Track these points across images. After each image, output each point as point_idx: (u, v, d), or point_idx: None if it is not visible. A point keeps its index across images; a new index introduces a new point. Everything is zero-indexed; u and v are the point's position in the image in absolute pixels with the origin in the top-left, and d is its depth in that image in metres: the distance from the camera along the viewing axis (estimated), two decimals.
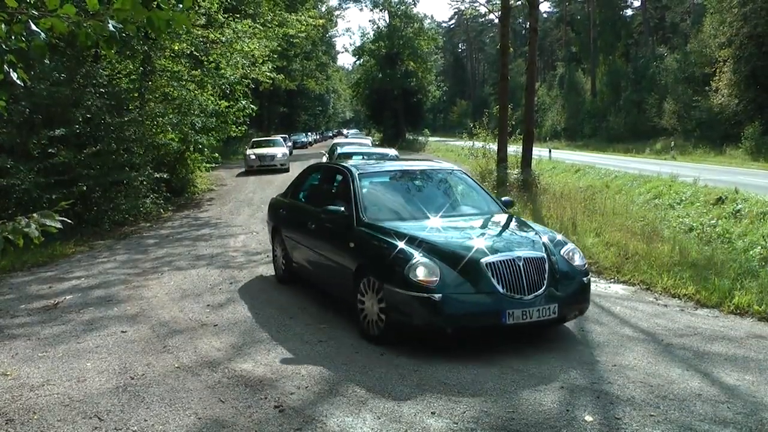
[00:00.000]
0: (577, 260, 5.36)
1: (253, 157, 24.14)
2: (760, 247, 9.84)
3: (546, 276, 4.96)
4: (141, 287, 7.31)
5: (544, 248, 5.22)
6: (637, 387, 4.21)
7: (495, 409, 3.87)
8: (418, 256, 4.86)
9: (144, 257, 9.28)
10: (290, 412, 3.87)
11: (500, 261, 4.87)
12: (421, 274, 4.76)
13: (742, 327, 5.69)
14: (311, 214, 6.54)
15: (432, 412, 3.83)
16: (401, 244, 5.07)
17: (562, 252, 5.34)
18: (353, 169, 6.37)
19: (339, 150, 14.28)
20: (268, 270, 8.13)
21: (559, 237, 5.75)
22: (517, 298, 4.77)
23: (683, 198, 14.57)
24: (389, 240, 5.21)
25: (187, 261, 8.90)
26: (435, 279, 4.73)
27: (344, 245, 5.69)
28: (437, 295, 4.66)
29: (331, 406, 3.95)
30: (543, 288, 4.89)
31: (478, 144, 19.38)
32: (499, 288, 4.76)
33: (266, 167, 23.88)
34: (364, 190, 6.08)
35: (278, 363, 4.72)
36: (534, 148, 16.15)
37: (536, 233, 5.61)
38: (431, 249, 5.00)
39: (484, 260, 4.85)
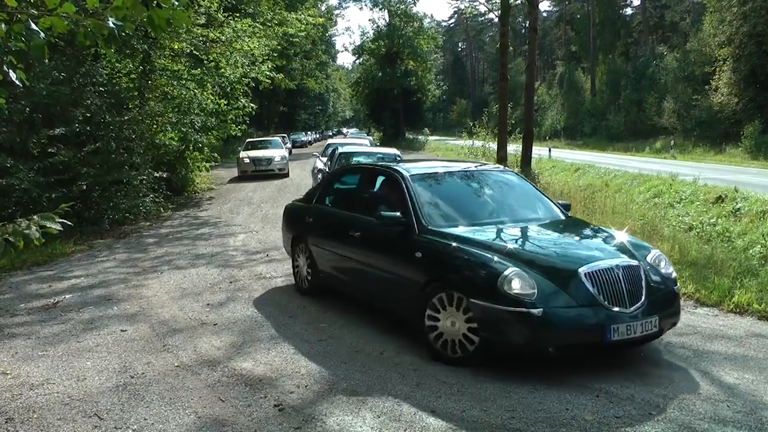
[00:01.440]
0: (666, 267, 4.91)
1: (247, 160, 21.55)
2: (759, 246, 9.84)
3: (643, 286, 4.50)
4: (140, 286, 7.31)
5: (634, 255, 4.77)
6: (636, 386, 4.21)
7: (495, 408, 3.87)
8: (511, 267, 4.32)
9: (144, 256, 9.28)
10: (290, 410, 3.87)
11: (600, 270, 4.39)
12: (516, 286, 4.23)
13: (741, 326, 5.70)
14: (353, 222, 5.94)
15: (432, 411, 3.83)
16: (487, 253, 4.55)
17: (648, 258, 4.87)
18: (403, 171, 5.78)
19: (340, 150, 13.87)
20: (268, 269, 8.14)
21: (641, 242, 5.37)
22: (620, 311, 4.29)
23: (683, 197, 14.57)
24: (470, 249, 4.65)
25: (186, 260, 8.90)
26: (533, 291, 4.22)
27: (406, 255, 5.07)
28: (537, 310, 4.16)
29: (330, 404, 3.95)
30: (642, 299, 4.42)
31: (478, 143, 19.41)
32: (602, 300, 4.29)
33: (262, 172, 21.36)
34: (420, 193, 5.44)
35: (278, 362, 4.72)
36: (534, 147, 16.17)
37: (619, 239, 5.17)
38: (520, 258, 4.49)
39: (582, 270, 4.37)
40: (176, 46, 15.92)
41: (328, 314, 6.03)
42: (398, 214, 5.26)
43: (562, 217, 5.82)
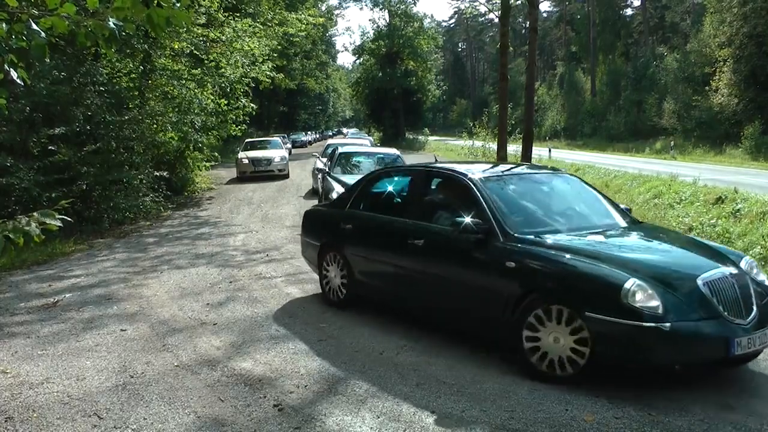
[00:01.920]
0: (758, 274, 4.56)
1: (246, 161, 20.92)
2: (759, 247, 9.84)
3: (752, 295, 4.21)
4: (140, 286, 7.31)
5: (734, 263, 4.48)
6: (636, 387, 4.21)
7: (494, 409, 3.87)
8: (632, 278, 3.98)
9: (143, 256, 9.28)
10: (289, 410, 3.87)
11: (717, 279, 4.12)
12: (641, 298, 3.90)
13: None
14: (411, 229, 5.41)
15: (431, 411, 3.83)
16: (599, 263, 4.20)
17: (741, 265, 4.51)
18: (470, 173, 5.29)
19: (340, 150, 13.92)
20: (268, 269, 8.14)
21: (728, 248, 5.11)
22: (740, 323, 4.02)
23: (683, 197, 14.56)
24: (578, 259, 4.27)
25: (186, 260, 8.91)
26: (657, 304, 3.89)
27: (490, 266, 4.64)
28: (666, 324, 3.83)
29: (330, 405, 3.95)
30: (754, 310, 4.13)
31: (478, 143, 19.41)
32: (722, 311, 4.00)
33: (262, 173, 20.75)
34: (496, 198, 4.98)
35: (277, 362, 4.72)
36: (534, 148, 16.13)
37: (707, 244, 5.02)
38: (633, 267, 4.16)
39: (701, 278, 4.09)
40: (176, 46, 15.93)
41: (328, 314, 6.03)
42: (479, 220, 4.77)
43: (632, 222, 5.49)
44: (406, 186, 6.16)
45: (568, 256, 4.33)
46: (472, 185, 5.09)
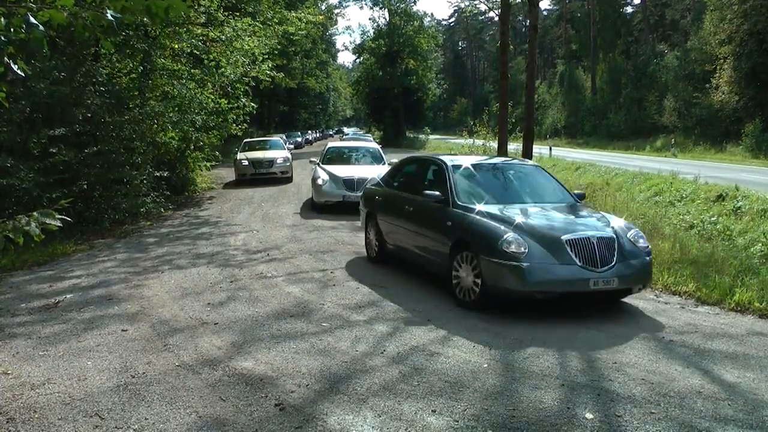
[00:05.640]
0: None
1: (246, 162, 19.64)
2: (760, 245, 9.84)
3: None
4: (141, 286, 7.31)
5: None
6: (637, 384, 4.21)
7: (495, 407, 3.87)
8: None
9: (144, 256, 9.28)
10: (291, 410, 3.87)
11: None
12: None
13: (742, 324, 5.70)
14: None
15: (432, 410, 3.83)
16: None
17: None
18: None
19: (329, 145, 16.31)
20: (269, 269, 8.14)
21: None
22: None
23: (684, 195, 14.56)
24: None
25: (187, 259, 8.90)
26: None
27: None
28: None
29: (331, 404, 3.95)
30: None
31: (479, 142, 19.38)
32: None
33: (263, 176, 19.56)
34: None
35: (278, 361, 4.72)
36: (534, 146, 16.09)
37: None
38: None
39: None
40: (176, 46, 15.91)
41: (328, 314, 6.03)
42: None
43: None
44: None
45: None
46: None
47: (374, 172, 12.96)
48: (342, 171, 13.65)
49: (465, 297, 6.13)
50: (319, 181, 13.47)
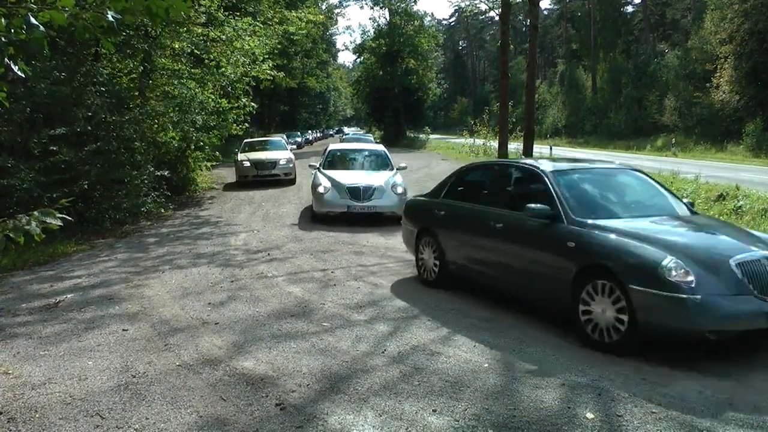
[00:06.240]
0: None
1: (248, 164, 18.90)
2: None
3: None
4: (142, 286, 7.31)
5: None
6: (638, 384, 4.20)
7: (496, 407, 3.87)
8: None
9: (145, 256, 9.28)
10: (291, 410, 3.87)
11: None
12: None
13: None
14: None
15: (433, 410, 3.83)
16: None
17: None
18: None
19: (331, 147, 14.85)
20: (270, 268, 8.14)
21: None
22: None
23: (684, 194, 14.54)
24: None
25: (187, 259, 8.90)
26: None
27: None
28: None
29: (332, 404, 3.95)
30: None
31: (479, 141, 19.39)
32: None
33: (265, 177, 18.82)
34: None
35: (279, 361, 4.72)
36: (535, 146, 16.14)
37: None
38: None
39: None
40: (177, 46, 15.91)
41: (329, 313, 6.03)
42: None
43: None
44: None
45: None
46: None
47: (382, 178, 12.12)
48: (346, 177, 12.22)
49: (601, 337, 4.90)
50: (320, 189, 11.94)
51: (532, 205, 5.61)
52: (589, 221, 5.33)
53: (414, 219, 7.71)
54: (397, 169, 12.99)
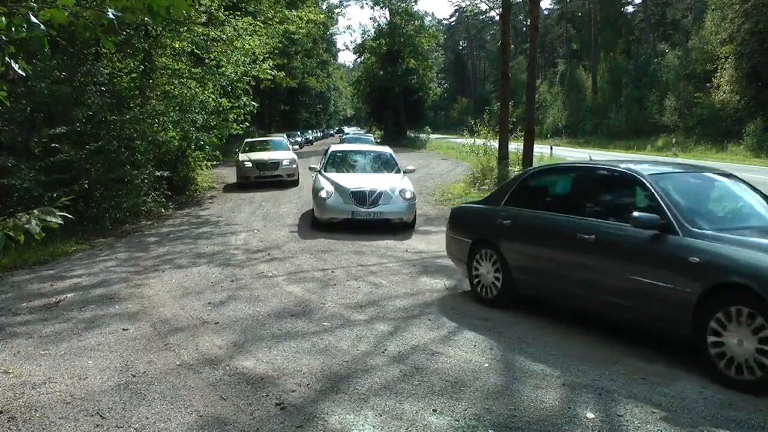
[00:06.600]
0: None
1: (249, 164, 18.23)
2: None
3: None
4: (142, 285, 7.31)
5: None
6: (639, 384, 4.20)
7: (496, 407, 3.86)
8: None
9: (145, 255, 9.28)
10: (291, 409, 3.86)
11: None
12: None
13: None
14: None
15: (433, 410, 3.82)
16: None
17: None
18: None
19: (332, 148, 13.91)
20: (270, 268, 8.14)
21: None
22: None
23: None
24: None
25: (188, 259, 8.90)
26: None
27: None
28: None
29: (332, 403, 3.94)
30: None
31: (480, 141, 19.35)
32: None
33: (268, 179, 18.13)
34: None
35: (279, 360, 4.72)
36: (535, 146, 16.11)
37: None
38: None
39: None
40: (177, 45, 15.91)
41: (329, 313, 6.03)
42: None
43: None
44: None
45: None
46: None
47: (389, 182, 11.28)
48: (350, 181, 11.33)
49: (739, 374, 4.10)
50: (322, 194, 11.03)
51: (638, 215, 4.78)
52: (709, 232, 4.53)
53: (467, 228, 6.82)
54: (404, 172, 12.17)
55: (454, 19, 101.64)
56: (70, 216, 3.09)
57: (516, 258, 6.02)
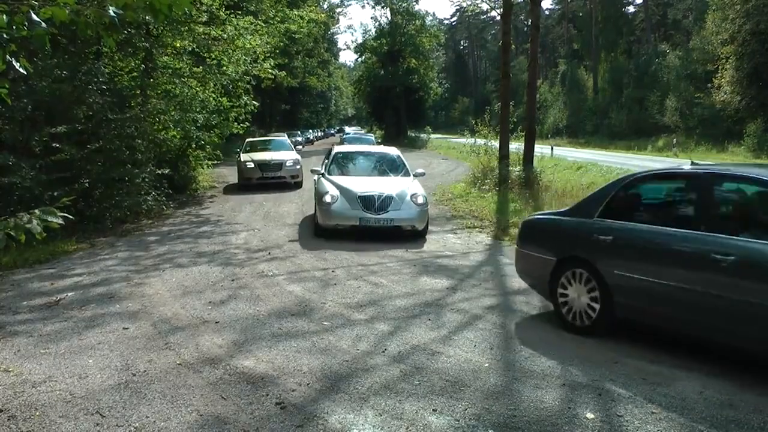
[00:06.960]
0: None
1: (252, 165, 17.64)
2: None
3: None
4: (142, 284, 7.31)
5: None
6: (639, 384, 4.20)
7: (496, 407, 3.87)
8: None
9: (145, 254, 9.29)
10: (291, 409, 3.86)
11: None
12: None
13: None
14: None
15: (433, 410, 3.83)
16: None
17: None
18: None
19: (336, 149, 13.03)
20: (270, 267, 8.13)
21: None
22: None
23: None
24: None
25: (188, 258, 8.90)
26: None
27: None
28: None
29: (332, 403, 3.95)
30: None
31: (480, 141, 19.34)
32: None
33: (271, 180, 17.55)
34: None
35: (279, 360, 4.72)
36: (536, 146, 16.12)
37: None
38: None
39: None
40: (178, 44, 15.91)
41: (329, 312, 6.03)
42: None
43: None
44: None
45: None
46: None
47: (399, 186, 10.50)
48: (356, 184, 10.49)
49: None
50: (327, 198, 10.18)
51: None
52: None
53: (549, 245, 5.85)
54: (414, 176, 11.40)
55: (455, 18, 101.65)
56: (70, 216, 3.09)
57: (620, 281, 5.07)
